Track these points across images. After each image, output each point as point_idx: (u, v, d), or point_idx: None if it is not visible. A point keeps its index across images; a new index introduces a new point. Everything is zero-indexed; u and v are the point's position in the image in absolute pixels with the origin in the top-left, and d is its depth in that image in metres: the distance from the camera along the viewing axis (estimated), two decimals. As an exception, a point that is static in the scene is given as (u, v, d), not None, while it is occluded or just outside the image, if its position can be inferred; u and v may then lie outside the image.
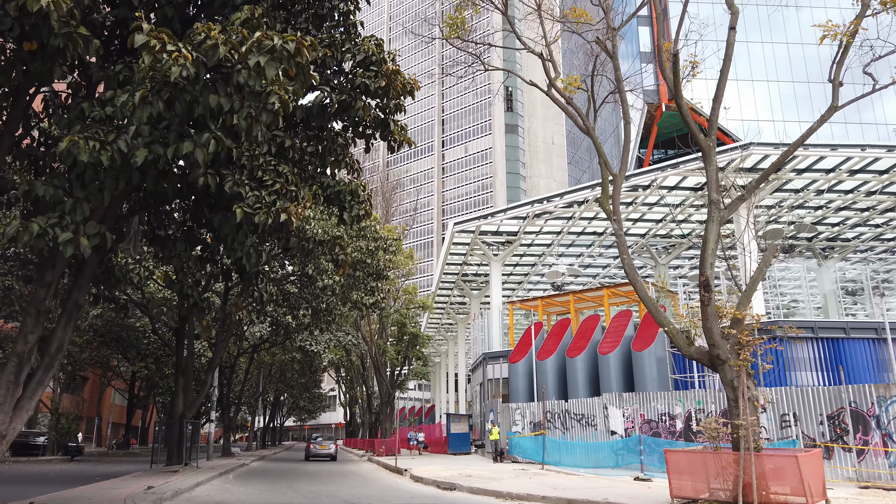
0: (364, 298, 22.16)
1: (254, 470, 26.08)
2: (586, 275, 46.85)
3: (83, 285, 10.95)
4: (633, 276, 14.25)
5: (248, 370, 40.18)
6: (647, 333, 26.62)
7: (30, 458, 34.14)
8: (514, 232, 38.43)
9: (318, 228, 20.53)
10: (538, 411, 26.75)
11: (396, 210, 56.84)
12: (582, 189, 33.16)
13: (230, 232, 10.02)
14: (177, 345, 23.71)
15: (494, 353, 34.35)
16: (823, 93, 63.59)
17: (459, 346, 58.19)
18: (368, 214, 11.51)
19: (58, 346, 10.54)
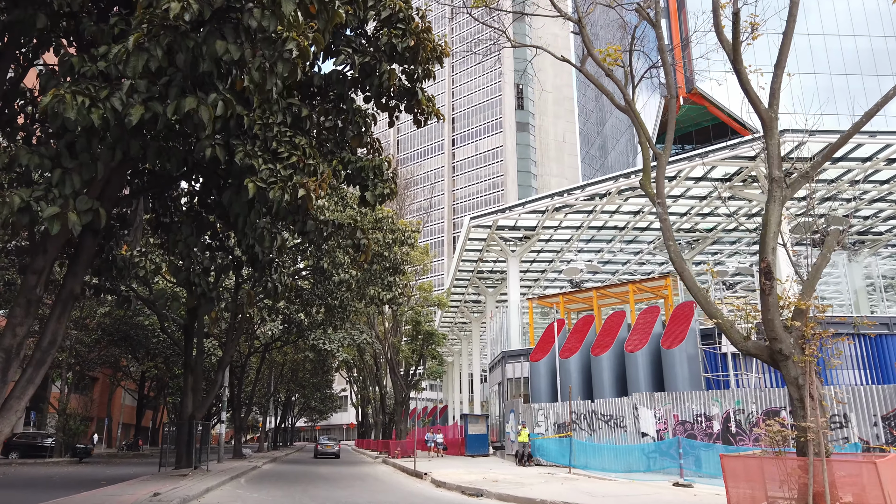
0: (381, 294, 21.03)
1: (266, 473, 25.01)
2: (605, 271, 45.50)
3: (79, 273, 9.87)
4: (681, 265, 13.03)
5: (260, 369, 39.18)
6: (677, 330, 25.32)
7: (37, 460, 33.29)
8: (532, 227, 37.19)
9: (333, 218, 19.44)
10: (563, 412, 25.52)
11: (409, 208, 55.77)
12: (604, 181, 31.89)
13: (241, 211, 8.91)
14: (185, 343, 22.69)
15: (514, 352, 33.13)
16: (846, 84, 61.95)
17: (474, 346, 56.99)
18: (394, 193, 10.37)
19: (50, 340, 9.46)
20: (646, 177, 14.01)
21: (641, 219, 35.82)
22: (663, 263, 44.50)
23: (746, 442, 19.77)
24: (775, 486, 11.73)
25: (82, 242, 10.06)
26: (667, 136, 14.28)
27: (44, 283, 9.33)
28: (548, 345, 29.14)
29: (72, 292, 9.70)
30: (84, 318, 36.15)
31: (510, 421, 29.73)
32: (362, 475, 24.83)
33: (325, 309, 26.42)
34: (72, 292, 9.70)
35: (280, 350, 46.61)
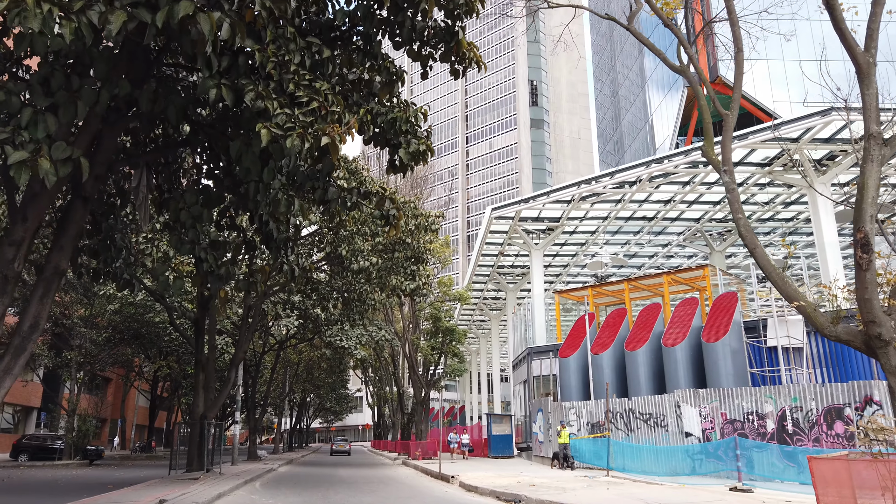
0: (404, 283, 19.58)
1: (283, 476, 23.63)
2: (630, 265, 43.79)
3: (65, 247, 8.47)
4: (752, 241, 11.40)
5: (275, 368, 37.91)
6: (719, 322, 23.64)
7: (46, 462, 32.19)
8: (557, 218, 35.59)
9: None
10: (597, 410, 23.92)
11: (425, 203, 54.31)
12: (635, 166, 30.22)
13: (252, 168, 7.47)
14: (196, 338, 21.38)
15: (540, 348, 31.54)
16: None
17: (493, 343, 55.40)
18: (430, 152, 8.89)
19: (31, 324, 8.06)
20: (708, 141, 12.41)
21: (672, 208, 34.09)
22: (692, 256, 42.71)
23: (805, 442, 18.09)
24: (870, 493, 10.10)
25: (70, 211, 8.67)
26: (733, 96, 12.66)
27: (23, 256, 7.94)
28: (578, 340, 27.54)
29: (57, 268, 8.30)
30: (94, 317, 35.06)
31: (538, 420, 28.17)
32: (384, 478, 23.38)
33: (343, 302, 25.03)
34: (57, 268, 8.30)
35: (295, 348, 45.35)
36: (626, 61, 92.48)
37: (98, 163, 8.92)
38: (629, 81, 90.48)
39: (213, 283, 8.68)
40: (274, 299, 28.28)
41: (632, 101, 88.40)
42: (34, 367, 35.72)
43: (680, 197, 32.83)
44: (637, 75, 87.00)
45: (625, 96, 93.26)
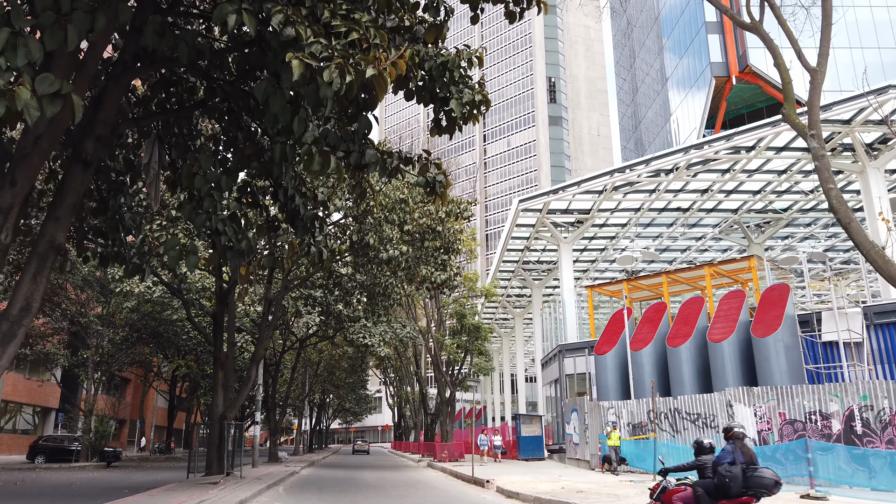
0: (434, 274, 18.27)
1: (306, 479, 22.42)
2: (662, 260, 42.08)
3: (62, 218, 7.25)
4: (846, 214, 9.96)
5: (295, 368, 36.78)
6: (771, 316, 22.06)
7: (63, 464, 31.31)
8: (587, 210, 34.10)
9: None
10: (638, 410, 22.44)
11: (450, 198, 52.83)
12: (673, 153, 28.65)
13: (281, 114, 6.17)
14: (214, 334, 20.23)
15: (573, 345, 30.06)
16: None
17: (517, 342, 53.87)
18: (487, 103, 7.56)
19: (23, 307, 6.85)
20: (790, 105, 10.97)
21: (710, 198, 32.43)
22: (726, 250, 40.94)
23: (877, 444, 16.50)
24: None
25: (68, 177, 7.46)
26: (821, 50, 11.18)
27: (11, 226, 6.74)
28: (614, 336, 26.05)
29: (52, 242, 7.09)
30: (111, 315, 34.21)
31: (571, 421, 26.72)
32: (412, 482, 22.09)
33: (368, 297, 23.80)
34: (52, 242, 7.09)
35: (315, 347, 44.24)
36: (647, 58, 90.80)
37: (101, 122, 7.71)
38: (650, 78, 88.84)
39: (233, 258, 7.43)
40: (294, 294, 27.14)
41: (653, 98, 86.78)
42: (51, 367, 34.92)
43: (718, 186, 31.18)
44: (658, 72, 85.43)
45: (645, 93, 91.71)
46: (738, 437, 7.60)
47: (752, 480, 7.18)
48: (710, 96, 61.45)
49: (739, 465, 7.29)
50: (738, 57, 59.66)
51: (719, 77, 60.36)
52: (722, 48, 61.05)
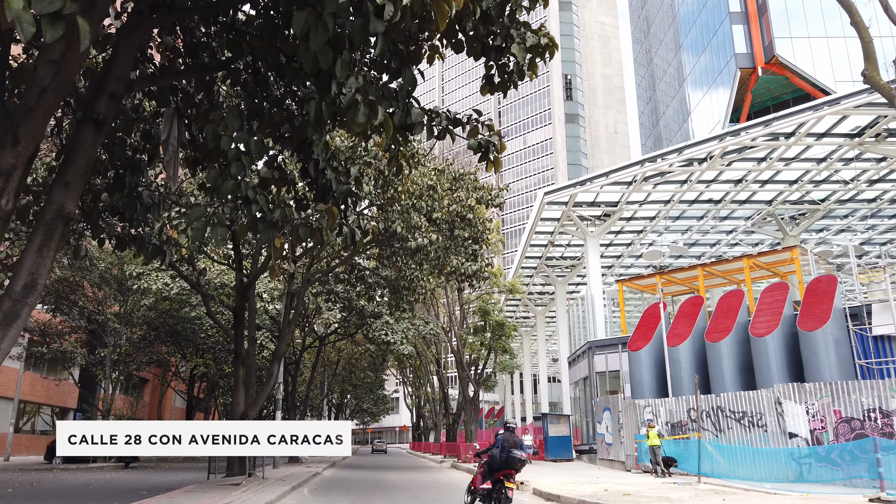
0: (465, 265, 17.30)
1: (330, 481, 21.55)
2: (690, 255, 40.84)
3: (72, 183, 6.39)
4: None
5: (315, 367, 35.99)
6: (817, 309, 20.86)
7: (80, 465, 30.71)
8: (614, 202, 32.98)
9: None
10: (677, 409, 21.32)
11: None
12: (709, 140, 27.47)
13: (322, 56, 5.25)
14: (235, 329, 19.43)
15: (604, 342, 28.95)
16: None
17: (539, 340, 52.80)
18: (555, 47, 6.61)
19: (27, 283, 5.99)
20: (871, 65, 9.88)
21: (744, 188, 31.17)
22: (757, 244, 39.58)
23: (947, 444, 15.29)
24: None
25: (78, 136, 6.60)
26: (909, 1, 10.10)
27: (14, 190, 5.88)
28: (649, 331, 24.94)
29: (60, 211, 6.22)
30: (129, 313, 33.62)
31: (603, 421, 25.64)
32: (438, 483, 21.14)
33: (391, 291, 22.89)
34: (60, 211, 6.22)
35: (334, 346, 43.45)
36: (665, 55, 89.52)
37: (114, 77, 6.84)
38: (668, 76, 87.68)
39: (265, 230, 6.53)
40: (315, 290, 26.32)
41: (672, 96, 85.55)
42: (68, 366, 34.41)
43: (753, 175, 29.94)
44: (676, 69, 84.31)
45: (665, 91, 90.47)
46: (510, 429, 11.05)
47: (510, 459, 10.54)
48: (734, 88, 59.95)
49: (502, 448, 10.61)
50: (764, 47, 58.13)
51: (744, 68, 58.90)
52: (747, 38, 59.57)
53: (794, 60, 56.32)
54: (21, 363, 34.59)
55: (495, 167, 7.55)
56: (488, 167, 7.55)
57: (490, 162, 7.55)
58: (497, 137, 7.35)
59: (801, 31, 57.38)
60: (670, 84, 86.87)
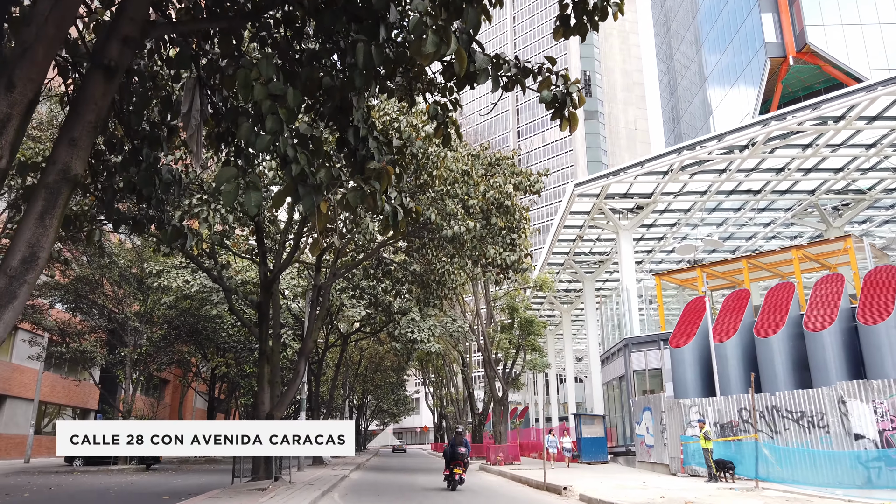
0: (503, 255, 16.17)
1: (359, 484, 20.52)
2: (725, 249, 39.28)
3: (80, 139, 5.38)
4: None
5: (339, 366, 35.03)
6: (879, 302, 19.47)
7: (101, 467, 30.03)
8: (648, 193, 31.65)
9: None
10: (727, 408, 20.00)
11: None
12: (752, 125, 26.07)
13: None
14: (259, 325, 18.46)
15: (641, 339, 27.66)
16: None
17: (565, 339, 51.47)
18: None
19: (25, 257, 4.99)
20: None
21: (786, 177, 29.68)
22: (796, 237, 37.97)
23: None
24: None
25: (87, 85, 5.59)
26: None
27: (10, 144, 4.89)
28: (691, 327, 23.63)
29: (66, 172, 5.22)
30: (149, 312, 32.94)
31: (643, 421, 24.36)
32: (473, 487, 20.00)
33: (420, 286, 21.81)
34: (66, 172, 5.22)
35: (356, 345, 42.51)
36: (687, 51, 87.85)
37: (128, 19, 5.84)
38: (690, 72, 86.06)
39: (307, 195, 5.47)
40: (339, 286, 25.36)
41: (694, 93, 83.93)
42: (88, 367, 33.80)
43: (797, 163, 28.47)
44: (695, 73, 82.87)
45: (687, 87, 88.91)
46: (459, 433, 17.59)
47: (454, 454, 16.61)
48: (764, 79, 58.10)
49: (452, 447, 16.73)
50: (795, 36, 56.27)
51: (775, 58, 57.06)
52: (777, 27, 57.72)
53: (827, 48, 54.42)
54: (41, 363, 34.05)
55: (571, 125, 6.43)
56: (563, 125, 6.43)
57: (565, 119, 6.43)
58: (576, 89, 6.22)
59: (834, 19, 55.44)
60: (692, 80, 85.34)
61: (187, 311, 32.64)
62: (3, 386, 35.17)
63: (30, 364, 36.15)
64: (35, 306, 30.64)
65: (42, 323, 30.27)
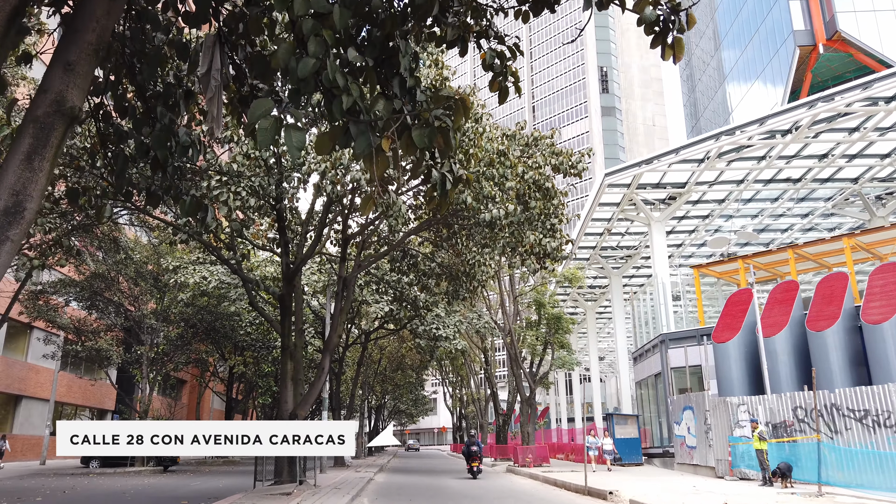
0: (543, 241, 14.97)
1: (387, 488, 19.40)
2: (759, 242, 37.79)
3: (77, 64, 4.32)
4: None
5: (360, 363, 33.96)
6: (946, 291, 18.04)
7: (117, 469, 29.20)
8: (682, 183, 30.30)
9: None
10: (780, 407, 18.64)
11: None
12: (797, 107, 24.66)
13: None
14: (282, 319, 17.41)
15: (678, 334, 26.32)
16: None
17: (589, 338, 50.12)
18: None
19: (10, 207, 3.91)
20: None
21: (829, 164, 28.20)
22: (833, 229, 36.38)
23: None
24: None
25: (86, 1, 4.47)
26: None
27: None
28: (735, 320, 22.27)
29: (60, 104, 4.18)
30: (165, 309, 32.11)
31: (683, 421, 23.04)
32: (507, 491, 18.83)
33: (448, 279, 20.68)
34: (60, 104, 4.18)
35: (376, 344, 41.46)
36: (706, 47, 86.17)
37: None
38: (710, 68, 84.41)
39: (361, 135, 4.37)
40: (363, 280, 24.31)
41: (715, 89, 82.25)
42: (104, 366, 33.00)
43: (842, 149, 26.99)
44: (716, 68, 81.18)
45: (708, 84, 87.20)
46: (472, 436, 26.12)
47: (470, 452, 23.44)
48: (793, 68, 56.35)
49: (467, 446, 23.75)
50: (825, 23, 54.50)
51: (804, 46, 55.29)
52: (805, 14, 55.94)
53: (859, 35, 52.62)
54: (57, 362, 33.34)
55: (675, 53, 5.24)
56: (665, 53, 5.24)
57: (668, 47, 5.24)
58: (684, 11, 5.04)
59: (866, 5, 53.64)
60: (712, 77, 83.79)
61: (204, 309, 31.77)
62: (18, 386, 34.51)
63: (45, 364, 35.48)
64: (50, 304, 29.89)
65: (57, 321, 29.47)
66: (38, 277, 33.50)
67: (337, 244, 22.08)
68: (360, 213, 13.06)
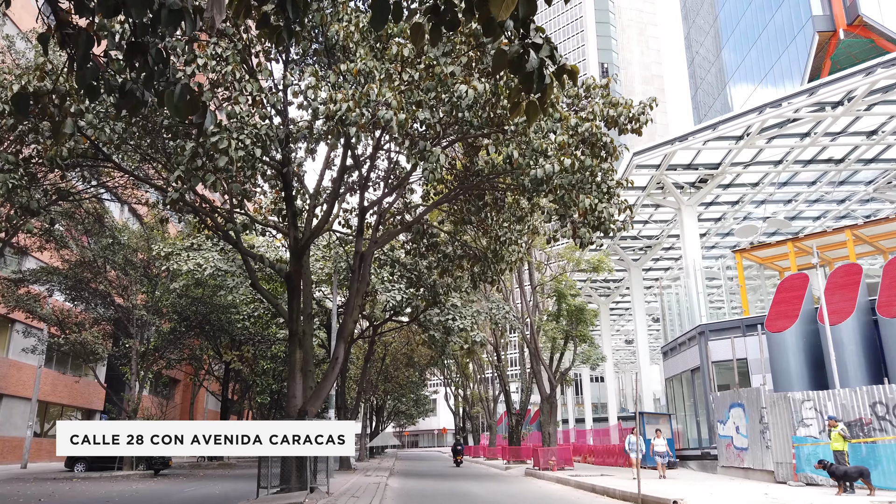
0: (599, 206, 12.64)
1: (406, 495, 17.07)
2: (788, 231, 35.61)
3: None
4: None
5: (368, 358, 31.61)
6: None
7: (104, 472, 26.81)
8: (716, 164, 28.14)
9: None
10: (855, 403, 16.38)
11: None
12: (851, 76, 22.48)
13: None
14: (290, 301, 15.10)
15: (720, 325, 24.08)
16: None
17: (603, 333, 47.88)
18: None
19: None
20: None
21: (878, 141, 26.06)
22: (870, 216, 34.22)
23: None
24: None
25: None
26: None
27: None
28: (791, 307, 20.06)
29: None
30: (157, 302, 29.71)
31: (729, 419, 20.79)
32: (538, 498, 16.54)
33: (472, 260, 18.39)
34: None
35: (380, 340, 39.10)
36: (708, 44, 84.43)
37: None
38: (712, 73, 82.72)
39: None
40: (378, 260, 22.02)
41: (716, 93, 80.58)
42: (91, 361, 30.52)
43: (893, 125, 24.84)
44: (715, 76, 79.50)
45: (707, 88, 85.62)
46: (458, 439, 40.93)
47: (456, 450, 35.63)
48: (811, 55, 54.34)
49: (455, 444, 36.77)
50: (846, 7, 52.55)
51: (823, 32, 53.26)
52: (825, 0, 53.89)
53: (881, 20, 50.62)
54: (41, 358, 30.87)
55: None
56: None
57: None
58: None
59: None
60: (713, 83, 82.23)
61: (199, 300, 29.38)
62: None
63: (28, 360, 32.99)
64: (30, 294, 27.47)
65: (37, 312, 27.01)
66: (19, 266, 31.03)
67: (346, 224, 19.81)
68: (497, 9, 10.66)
